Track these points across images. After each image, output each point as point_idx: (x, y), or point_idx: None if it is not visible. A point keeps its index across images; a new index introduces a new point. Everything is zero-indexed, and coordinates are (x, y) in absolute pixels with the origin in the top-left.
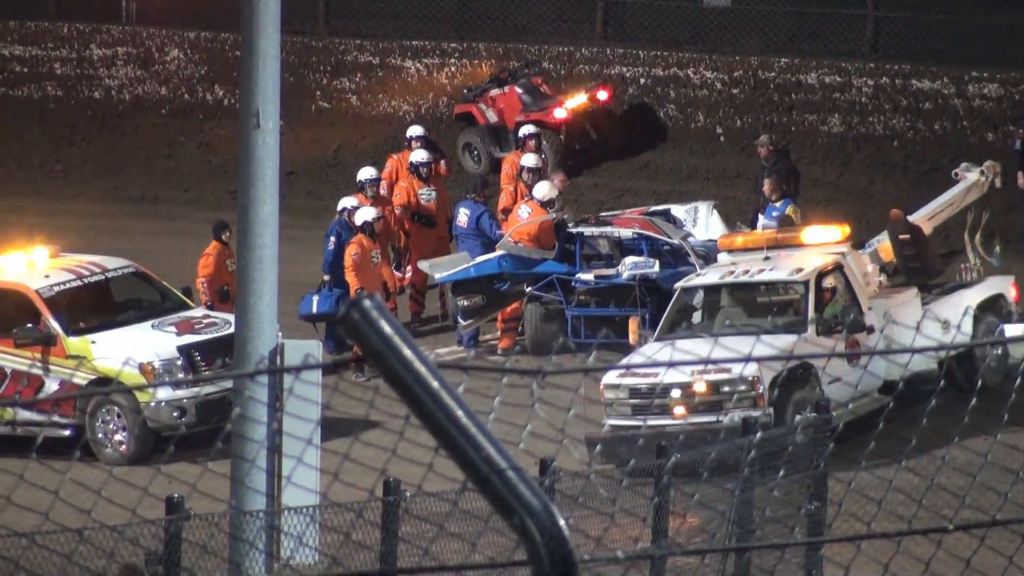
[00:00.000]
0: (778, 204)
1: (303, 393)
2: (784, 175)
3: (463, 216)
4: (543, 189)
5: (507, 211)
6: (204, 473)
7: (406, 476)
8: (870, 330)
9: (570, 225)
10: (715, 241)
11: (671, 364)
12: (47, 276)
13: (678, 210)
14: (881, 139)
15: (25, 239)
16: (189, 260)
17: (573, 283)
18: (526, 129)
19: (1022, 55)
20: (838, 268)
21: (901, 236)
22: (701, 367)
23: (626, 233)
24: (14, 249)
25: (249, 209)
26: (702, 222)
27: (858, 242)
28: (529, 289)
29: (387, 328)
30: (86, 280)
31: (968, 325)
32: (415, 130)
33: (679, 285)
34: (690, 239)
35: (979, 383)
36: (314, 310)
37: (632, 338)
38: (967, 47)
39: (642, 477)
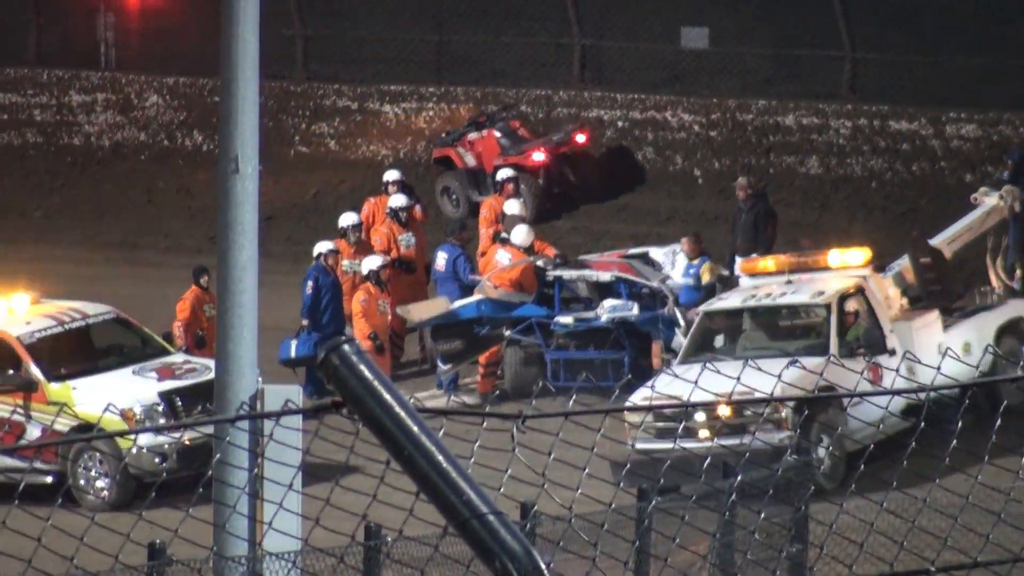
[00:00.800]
0: (695, 262)
1: (284, 438)
2: (763, 217)
3: (441, 260)
4: (521, 235)
5: (484, 254)
6: (186, 519)
7: (387, 521)
8: (892, 352)
9: (548, 269)
10: (692, 284)
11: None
12: (28, 323)
13: (656, 253)
14: (860, 180)
15: (6, 285)
16: (170, 305)
17: (552, 326)
18: (504, 173)
19: (999, 96)
20: (860, 291)
21: (922, 260)
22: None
23: (605, 276)
24: None
25: (228, 254)
26: (680, 265)
27: (880, 265)
28: (508, 333)
29: (366, 372)
30: (67, 326)
31: (986, 362)
32: (392, 174)
33: (702, 309)
34: (668, 281)
35: (999, 417)
36: (292, 354)
37: (655, 362)
38: (945, 88)
39: (676, 501)
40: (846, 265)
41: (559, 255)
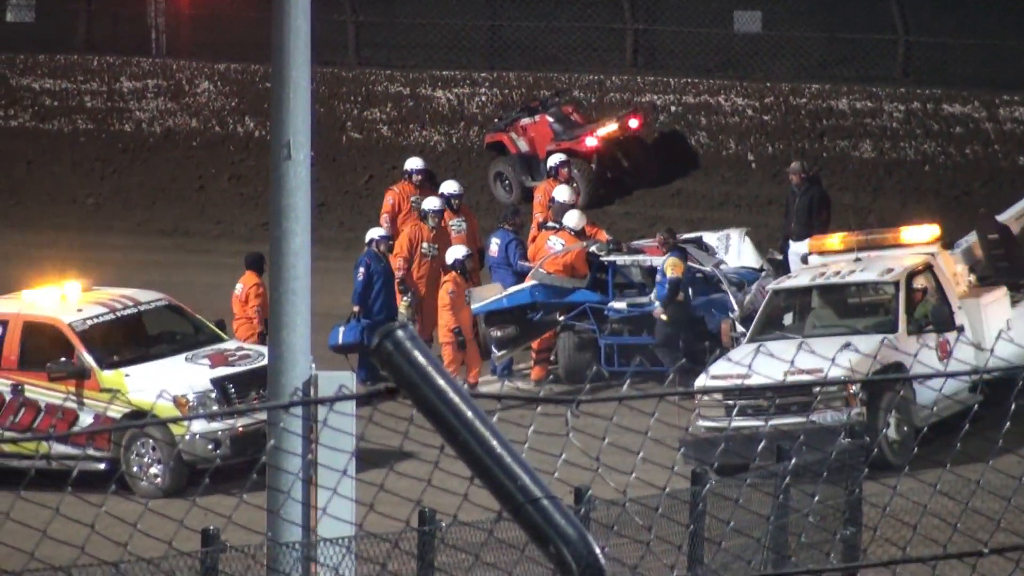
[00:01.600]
0: (664, 257)
1: (337, 424)
2: (816, 202)
3: (494, 246)
4: (573, 218)
5: (534, 240)
6: (240, 505)
7: (442, 506)
8: (960, 329)
9: (602, 254)
10: (748, 268)
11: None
12: (80, 310)
13: (710, 237)
14: (913, 164)
15: (57, 273)
16: (222, 292)
17: (606, 312)
18: (556, 158)
19: None
20: (928, 268)
21: (990, 236)
22: (792, 367)
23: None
24: (47, 283)
25: (281, 241)
26: (734, 249)
27: (947, 242)
28: (562, 318)
29: (420, 358)
30: (119, 313)
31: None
32: (414, 163)
33: (771, 287)
34: (722, 266)
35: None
36: (340, 340)
37: (724, 339)
38: (998, 71)
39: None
40: (914, 242)
41: (612, 240)
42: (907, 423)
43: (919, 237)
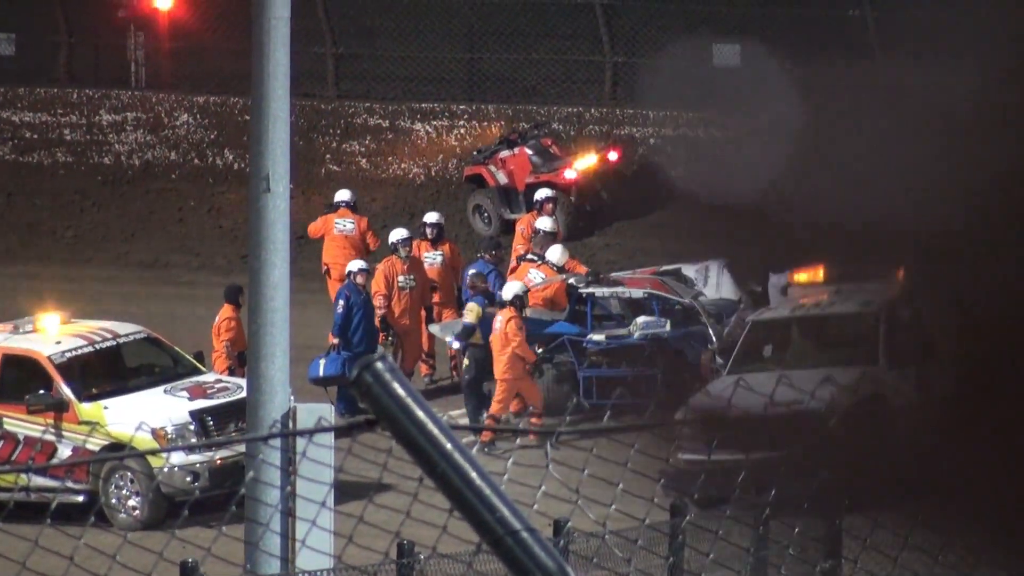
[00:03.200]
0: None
1: (316, 456)
2: None
3: (471, 278)
4: (556, 253)
5: (513, 271)
6: (218, 537)
7: (421, 538)
8: None
9: (581, 286)
10: (727, 300)
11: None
12: (59, 342)
13: (689, 269)
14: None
15: (36, 305)
16: (201, 325)
17: (585, 344)
18: (543, 193)
19: None
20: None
21: None
22: (771, 401)
23: (637, 293)
24: (25, 315)
25: (260, 272)
26: (713, 281)
27: None
28: (541, 351)
29: (400, 390)
30: (98, 346)
31: None
32: (343, 195)
33: (751, 319)
34: (701, 298)
35: None
36: (321, 373)
37: (704, 371)
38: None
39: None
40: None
41: (591, 272)
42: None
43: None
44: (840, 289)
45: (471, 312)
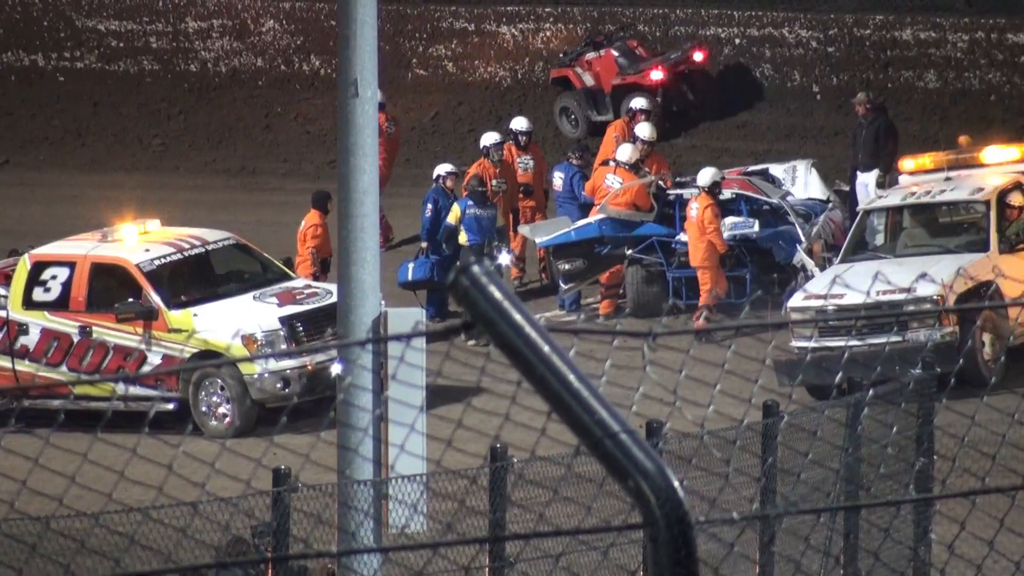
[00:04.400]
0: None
1: (411, 360)
2: (883, 132)
3: (558, 180)
4: (625, 153)
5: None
6: (316, 444)
7: (519, 441)
8: None
9: (667, 188)
10: (815, 200)
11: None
12: (147, 250)
13: (776, 169)
14: (978, 94)
15: (125, 213)
16: (289, 231)
17: (673, 245)
18: (639, 102)
19: None
20: (1019, 187)
21: None
22: (885, 287)
23: (725, 193)
24: (115, 223)
25: (349, 178)
26: (800, 181)
27: None
28: (630, 252)
29: (496, 293)
30: (186, 253)
31: None
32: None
33: (862, 207)
34: (789, 198)
35: None
36: (410, 277)
37: (816, 259)
38: None
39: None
40: (1004, 161)
41: (660, 175)
42: (1000, 341)
43: (1008, 156)
44: (951, 176)
45: (453, 215)
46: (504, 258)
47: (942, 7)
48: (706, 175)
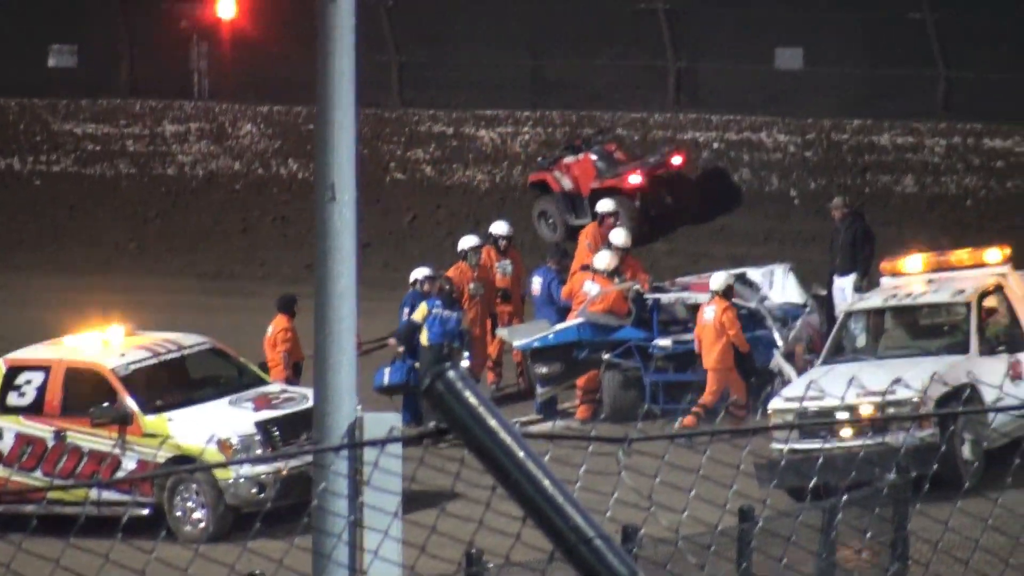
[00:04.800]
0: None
1: (386, 466)
2: (860, 236)
3: (536, 284)
4: (603, 260)
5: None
6: (290, 550)
7: (493, 547)
8: None
9: (645, 292)
10: (792, 304)
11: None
12: (123, 355)
13: (754, 274)
14: (955, 199)
15: (100, 318)
16: (265, 335)
17: (651, 349)
18: (605, 206)
19: None
20: (999, 289)
21: None
22: (866, 389)
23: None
24: (89, 328)
25: (327, 282)
26: (778, 285)
27: (1019, 263)
28: (607, 356)
29: (471, 398)
30: (162, 358)
31: None
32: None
33: (843, 309)
34: (766, 302)
35: None
36: (386, 382)
37: (797, 361)
38: None
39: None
40: (985, 263)
41: (651, 282)
42: (979, 445)
43: (990, 258)
44: (932, 279)
45: (419, 312)
46: (466, 362)
47: (919, 112)
48: (719, 279)
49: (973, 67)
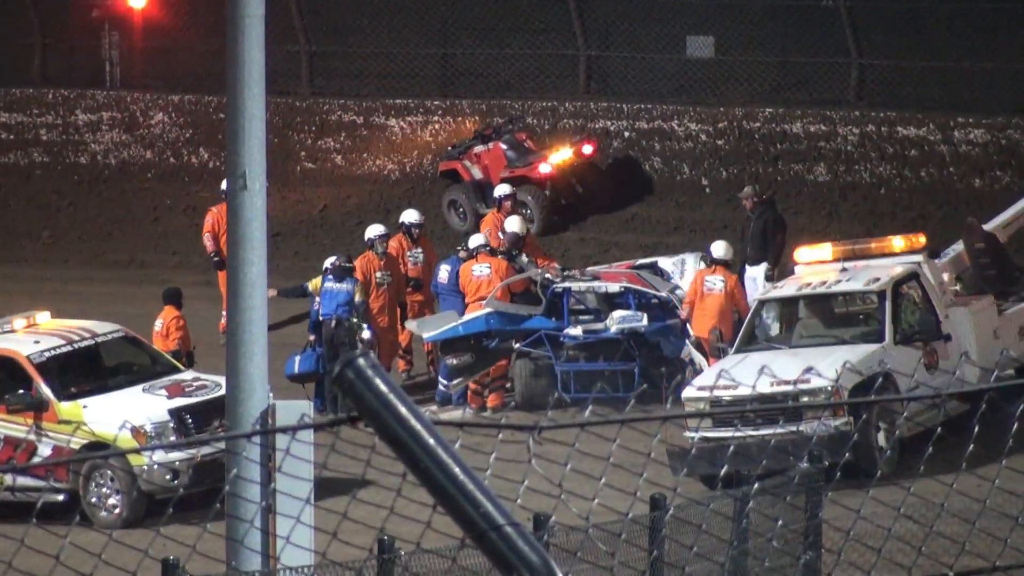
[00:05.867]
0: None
1: (298, 453)
2: (772, 225)
3: (444, 273)
4: (477, 240)
5: None
6: (202, 535)
7: (404, 534)
8: (947, 338)
9: (556, 281)
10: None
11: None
12: (37, 342)
13: (665, 263)
14: (868, 187)
15: (15, 305)
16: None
17: (562, 338)
18: (501, 189)
19: (1007, 100)
20: (914, 277)
21: (976, 244)
22: (779, 378)
23: (614, 287)
24: (4, 315)
25: (238, 271)
26: (689, 274)
27: (934, 251)
28: (518, 345)
29: (382, 386)
30: (76, 345)
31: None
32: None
33: (756, 298)
34: (677, 291)
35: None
36: (296, 370)
37: (708, 350)
38: (952, 93)
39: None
40: (900, 251)
41: (560, 270)
42: (893, 433)
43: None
44: (846, 267)
45: (360, 291)
46: (366, 333)
47: (832, 100)
48: (721, 248)
49: (886, 55)
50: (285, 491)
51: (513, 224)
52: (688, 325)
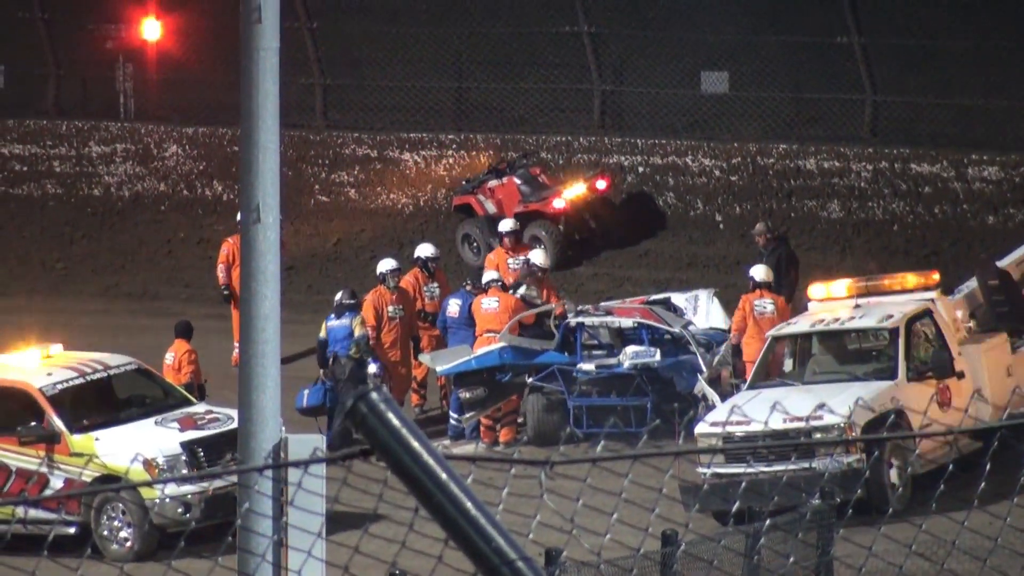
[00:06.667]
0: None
1: (310, 486)
2: (784, 262)
3: (454, 306)
4: (490, 275)
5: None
6: (214, 569)
7: (416, 568)
8: (960, 375)
9: (570, 315)
10: (716, 330)
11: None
12: (50, 374)
13: (678, 298)
14: (881, 224)
15: (26, 337)
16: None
17: (574, 373)
18: (504, 225)
19: (1021, 138)
20: (928, 314)
21: (990, 281)
22: (791, 414)
23: (627, 322)
24: (16, 348)
25: (251, 303)
26: (702, 310)
27: (947, 288)
28: (531, 380)
29: (394, 420)
30: (88, 377)
31: None
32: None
33: (771, 334)
34: (691, 327)
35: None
36: (305, 404)
37: (724, 386)
38: (966, 130)
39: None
40: (913, 288)
41: (568, 307)
42: (905, 470)
43: (918, 283)
44: (860, 303)
45: (359, 324)
46: (372, 367)
47: (846, 137)
48: (762, 271)
49: (900, 91)
50: (297, 525)
51: (537, 257)
52: (727, 348)
